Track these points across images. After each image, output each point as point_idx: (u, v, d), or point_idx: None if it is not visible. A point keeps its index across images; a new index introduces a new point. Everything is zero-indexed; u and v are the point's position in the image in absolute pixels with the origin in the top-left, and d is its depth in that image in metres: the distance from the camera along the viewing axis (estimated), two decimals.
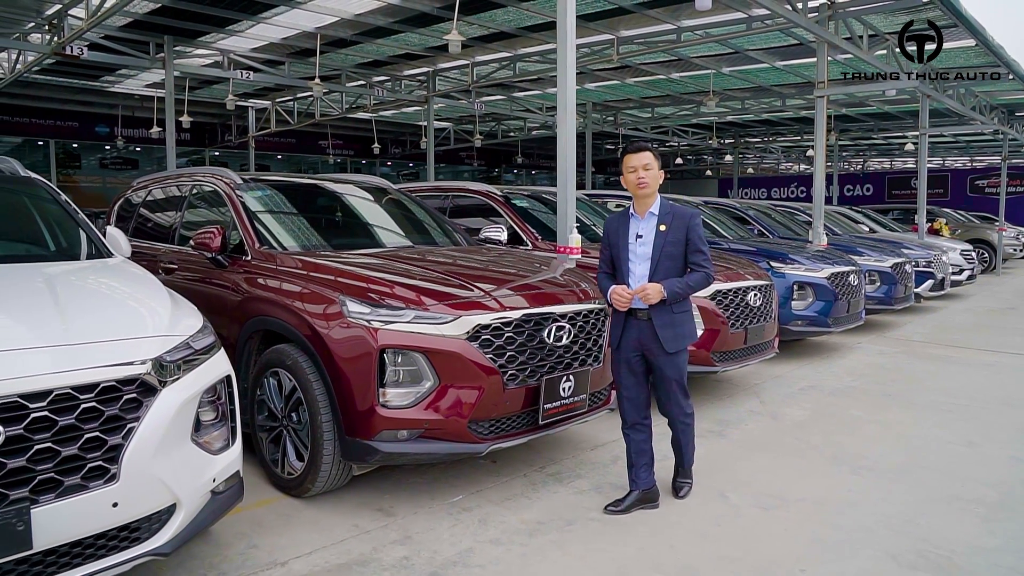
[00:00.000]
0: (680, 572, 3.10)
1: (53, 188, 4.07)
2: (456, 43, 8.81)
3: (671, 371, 3.65)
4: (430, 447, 3.45)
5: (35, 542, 2.15)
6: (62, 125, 19.45)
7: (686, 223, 3.59)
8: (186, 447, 2.58)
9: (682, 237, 3.57)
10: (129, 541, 2.42)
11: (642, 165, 3.60)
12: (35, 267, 3.29)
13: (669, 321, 3.57)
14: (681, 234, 3.57)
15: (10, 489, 2.12)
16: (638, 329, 3.62)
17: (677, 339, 3.61)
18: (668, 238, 3.56)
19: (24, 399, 2.15)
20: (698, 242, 3.58)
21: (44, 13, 10.25)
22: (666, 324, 3.57)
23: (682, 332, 3.64)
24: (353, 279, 3.78)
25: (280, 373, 3.79)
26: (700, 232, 3.61)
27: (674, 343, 3.59)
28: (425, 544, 3.32)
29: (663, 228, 3.58)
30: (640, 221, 3.65)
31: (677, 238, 3.57)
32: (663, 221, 3.59)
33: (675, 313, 3.60)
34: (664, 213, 3.61)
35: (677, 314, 3.61)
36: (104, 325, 2.56)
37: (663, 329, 3.56)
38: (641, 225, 3.64)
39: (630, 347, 3.66)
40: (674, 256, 3.57)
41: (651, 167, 3.61)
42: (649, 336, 3.59)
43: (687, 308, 3.69)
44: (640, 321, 3.61)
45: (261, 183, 5.10)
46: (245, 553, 3.23)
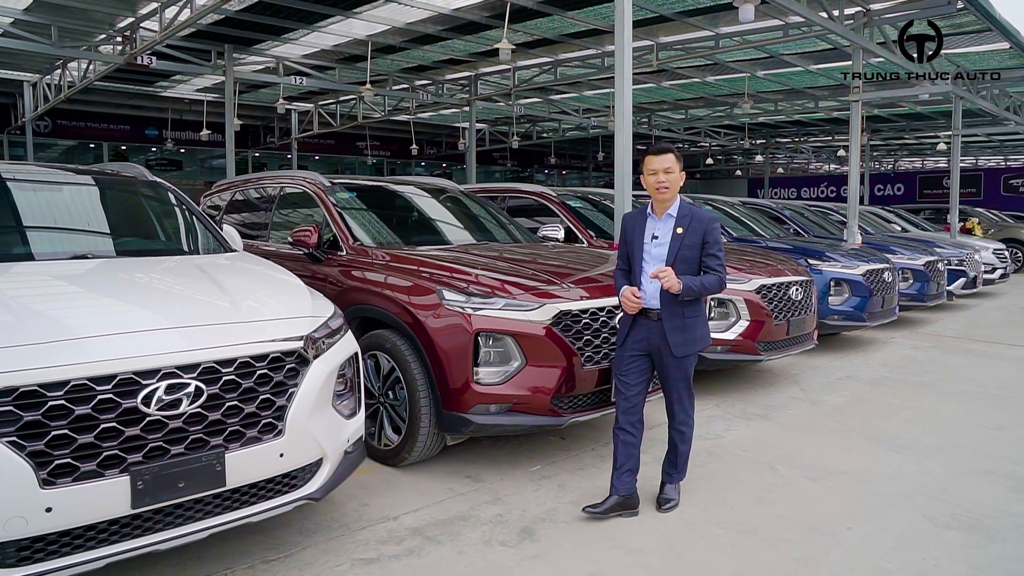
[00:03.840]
0: (741, 528, 3.54)
1: (176, 190, 4.61)
2: (506, 51, 9.29)
3: (676, 373, 3.60)
4: (517, 420, 3.94)
5: (227, 481, 2.66)
6: (114, 128, 20.25)
7: (704, 227, 3.52)
8: (328, 411, 3.08)
9: (698, 241, 3.50)
10: (289, 487, 2.92)
11: (663, 168, 3.52)
12: (185, 259, 3.83)
13: (680, 325, 3.52)
14: (698, 238, 3.50)
15: (210, 437, 2.63)
16: (647, 329, 3.58)
17: (687, 343, 3.55)
18: (685, 241, 3.50)
19: (218, 364, 2.66)
20: (714, 247, 3.52)
21: (116, 25, 10.89)
22: (677, 328, 3.51)
23: (692, 337, 3.57)
24: (443, 271, 4.28)
25: (378, 355, 4.28)
26: (718, 237, 3.55)
27: (683, 347, 3.53)
28: (514, 504, 3.80)
29: (680, 231, 3.51)
30: (657, 222, 3.60)
31: (694, 241, 3.50)
32: (680, 224, 3.53)
33: (687, 317, 3.53)
34: (682, 216, 3.55)
35: (689, 318, 3.54)
36: (266, 306, 3.09)
37: (673, 333, 3.51)
38: (658, 226, 3.59)
39: (636, 347, 3.61)
40: (689, 260, 3.50)
41: (672, 170, 3.53)
42: (658, 337, 3.54)
43: (700, 313, 3.62)
44: (650, 321, 3.57)
45: (346, 185, 5.61)
46: (359, 510, 3.72)
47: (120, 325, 2.66)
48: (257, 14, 10.56)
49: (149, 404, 2.48)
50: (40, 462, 2.28)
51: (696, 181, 35.76)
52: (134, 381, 2.47)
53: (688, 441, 3.80)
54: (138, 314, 2.82)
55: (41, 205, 4.03)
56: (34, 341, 2.41)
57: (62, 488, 2.31)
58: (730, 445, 4.80)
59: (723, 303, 5.87)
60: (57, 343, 2.43)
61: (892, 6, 9.79)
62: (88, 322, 2.67)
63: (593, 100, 17.88)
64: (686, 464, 3.86)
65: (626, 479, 3.64)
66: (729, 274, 5.88)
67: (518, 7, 9.84)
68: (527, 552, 3.28)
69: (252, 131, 22.97)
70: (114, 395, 2.42)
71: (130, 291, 3.20)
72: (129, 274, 3.41)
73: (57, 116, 18.31)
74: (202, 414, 2.61)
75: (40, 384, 2.31)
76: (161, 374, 2.52)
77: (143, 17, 10.29)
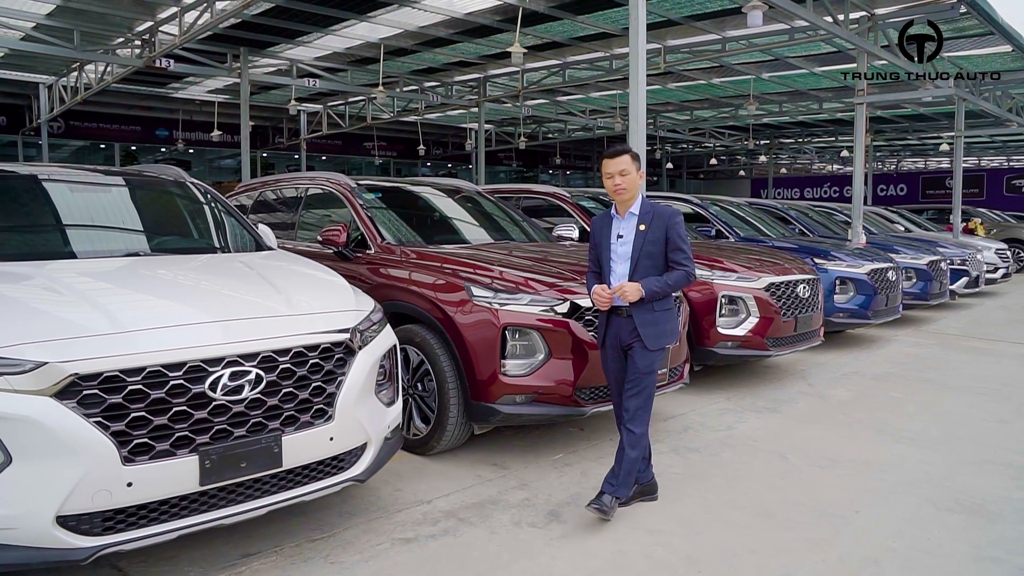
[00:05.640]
0: (756, 510, 3.76)
1: (214, 192, 4.83)
2: (519, 55, 9.51)
3: (641, 364, 3.60)
4: (542, 410, 4.16)
5: (284, 462, 2.87)
6: (126, 129, 20.52)
7: (666, 223, 3.58)
8: (371, 399, 3.29)
9: (661, 236, 3.57)
10: (338, 469, 3.14)
11: (618, 171, 3.58)
12: (229, 256, 4.06)
13: (651, 319, 3.58)
14: (660, 233, 3.57)
15: (269, 421, 2.85)
16: (618, 326, 3.65)
17: (659, 337, 3.61)
18: (648, 237, 3.57)
19: (276, 354, 2.88)
20: (678, 241, 3.57)
21: (135, 29, 11.12)
22: (647, 322, 3.57)
23: (663, 331, 3.63)
24: (469, 268, 4.49)
25: (408, 349, 4.50)
26: (680, 231, 3.59)
27: (655, 341, 3.59)
28: (540, 490, 4.01)
29: (643, 228, 3.58)
30: (621, 221, 3.67)
31: (656, 237, 3.57)
32: (643, 221, 3.60)
33: (656, 311, 3.60)
34: (644, 213, 3.62)
35: (658, 312, 3.61)
36: (315, 300, 3.32)
37: (644, 327, 3.56)
38: (622, 225, 3.66)
39: (613, 344, 3.70)
40: (653, 255, 3.58)
41: (628, 172, 3.58)
42: (629, 333, 3.60)
43: (669, 307, 3.69)
44: (621, 319, 3.64)
45: (371, 186, 5.83)
46: (393, 495, 3.94)
47: (187, 317, 2.89)
48: (273, 17, 10.79)
49: (215, 390, 2.70)
50: (122, 441, 2.50)
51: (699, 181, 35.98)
52: (202, 368, 2.68)
53: (638, 447, 3.62)
54: (201, 307, 3.04)
55: (91, 206, 4.27)
56: (114, 331, 2.63)
57: (140, 465, 2.53)
58: (742, 436, 5.01)
59: (733, 300, 6.08)
60: (134, 332, 2.65)
61: (896, 10, 10.01)
62: (159, 314, 2.90)
63: (599, 101, 18.10)
64: (632, 477, 3.66)
65: (641, 467, 3.76)
66: (738, 272, 6.19)
67: (530, 11, 10.06)
68: (555, 532, 3.49)
69: (260, 132, 23.21)
70: (184, 381, 2.64)
71: (188, 286, 3.44)
72: (183, 270, 3.64)
73: (70, 117, 18.56)
74: (261, 400, 2.82)
75: (121, 370, 2.53)
76: (225, 362, 2.74)
77: (162, 21, 10.53)
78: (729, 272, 6.22)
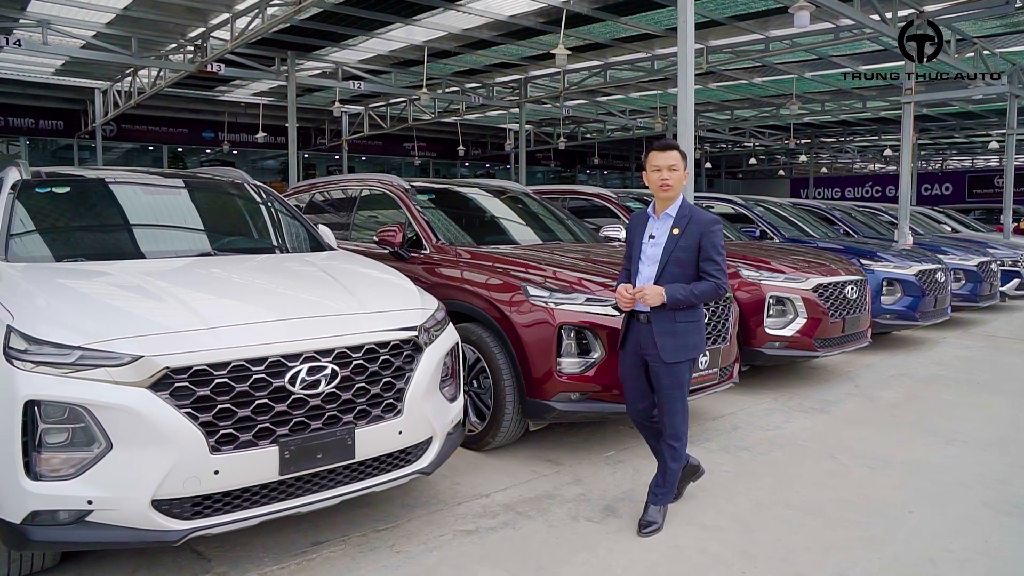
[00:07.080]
0: (808, 508, 3.81)
1: (276, 194, 5.00)
2: (562, 56, 9.60)
3: (667, 380, 3.43)
4: (596, 407, 4.25)
5: (356, 454, 3.01)
6: (174, 132, 21.06)
7: (701, 230, 3.37)
8: (436, 395, 3.41)
9: (694, 244, 3.37)
10: (405, 462, 3.27)
11: (668, 165, 3.40)
12: (294, 256, 4.22)
13: (670, 329, 3.38)
14: (694, 240, 3.37)
15: (343, 415, 2.98)
16: (638, 332, 3.48)
17: (677, 350, 3.39)
18: (680, 243, 3.37)
19: (349, 350, 3.02)
20: (711, 251, 3.36)
21: (187, 35, 11.45)
22: (666, 332, 3.38)
23: (684, 343, 3.41)
24: (523, 268, 4.60)
25: (464, 347, 4.61)
26: (716, 241, 3.38)
27: (673, 353, 3.39)
28: (594, 485, 4.10)
29: (676, 232, 3.40)
30: (656, 221, 3.50)
31: (689, 244, 3.37)
32: (678, 224, 3.41)
33: (678, 322, 3.39)
34: (681, 216, 3.43)
35: (681, 323, 3.39)
36: (384, 299, 3.46)
37: (662, 337, 3.38)
38: (656, 225, 3.49)
39: (634, 351, 3.53)
40: (683, 262, 3.38)
41: (677, 168, 3.41)
42: (647, 341, 3.43)
43: (695, 319, 3.46)
44: (640, 324, 3.47)
45: (423, 188, 5.97)
46: (452, 489, 4.06)
47: (266, 315, 3.04)
48: (321, 22, 11.03)
49: (294, 384, 2.84)
50: (209, 431, 2.66)
51: (738, 181, 35.65)
52: (282, 363, 2.83)
53: (679, 459, 3.57)
54: (278, 305, 3.20)
55: (157, 208, 4.48)
56: (201, 327, 2.79)
57: (226, 454, 2.68)
58: (791, 436, 5.04)
59: (781, 301, 6.11)
60: (218, 329, 2.81)
61: (947, 6, 9.87)
62: (239, 312, 3.06)
63: (639, 101, 18.11)
64: (675, 485, 3.64)
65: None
66: (786, 273, 6.21)
67: (573, 13, 10.14)
68: (611, 527, 3.58)
69: (303, 133, 23.58)
70: (266, 375, 2.79)
71: (261, 285, 3.60)
72: (253, 270, 3.82)
73: (122, 121, 19.12)
74: (336, 394, 2.96)
75: (208, 364, 2.68)
76: (303, 357, 2.88)
77: (214, 27, 10.82)
78: (777, 273, 6.24)
